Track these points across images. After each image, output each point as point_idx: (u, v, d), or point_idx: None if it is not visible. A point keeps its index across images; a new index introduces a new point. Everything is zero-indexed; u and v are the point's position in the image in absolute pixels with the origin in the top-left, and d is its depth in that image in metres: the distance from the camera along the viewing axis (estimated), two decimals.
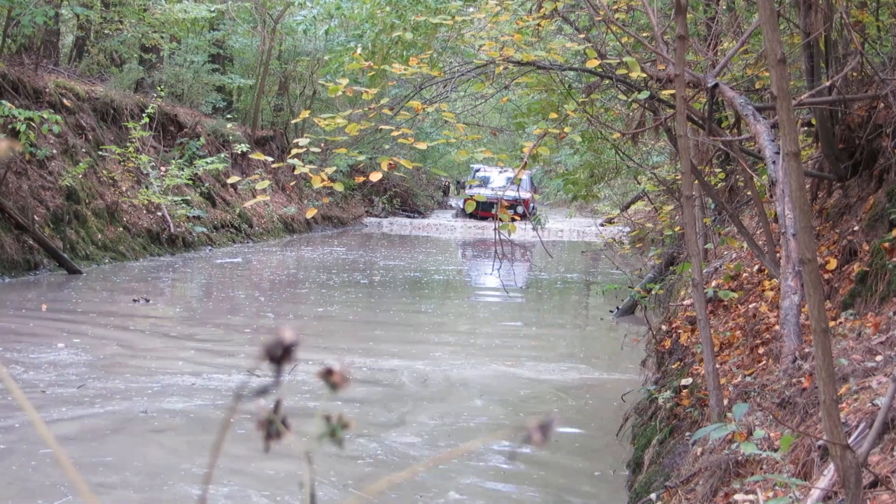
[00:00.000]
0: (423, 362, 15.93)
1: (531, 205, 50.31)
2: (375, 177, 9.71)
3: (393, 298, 24.48)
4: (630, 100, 11.25)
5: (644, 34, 12.32)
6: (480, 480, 10.40)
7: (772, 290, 10.81)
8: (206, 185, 34.61)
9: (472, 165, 52.29)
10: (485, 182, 50.16)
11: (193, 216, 31.77)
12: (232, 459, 10.16)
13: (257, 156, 10.31)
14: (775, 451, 6.39)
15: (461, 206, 53.48)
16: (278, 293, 24.38)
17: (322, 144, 10.94)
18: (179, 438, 11.43)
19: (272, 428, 1.39)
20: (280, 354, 1.31)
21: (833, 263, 9.85)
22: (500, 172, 46.94)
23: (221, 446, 1.49)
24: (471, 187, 51.42)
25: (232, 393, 13.22)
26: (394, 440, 11.71)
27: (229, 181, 12.15)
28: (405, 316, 21.64)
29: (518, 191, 44.53)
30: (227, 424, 1.51)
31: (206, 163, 32.56)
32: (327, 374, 1.38)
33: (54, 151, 26.05)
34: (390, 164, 9.96)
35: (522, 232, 33.50)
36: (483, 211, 48.42)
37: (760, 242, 10.84)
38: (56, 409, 12.07)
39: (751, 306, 11.01)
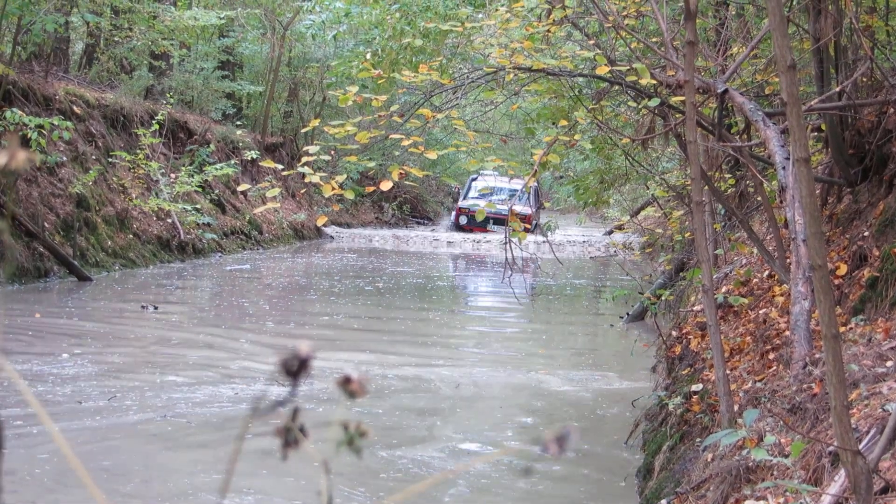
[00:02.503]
0: (439, 371, 15.93)
1: (533, 221, 43.37)
2: (386, 185, 9.73)
3: (401, 306, 24.48)
4: (640, 106, 11.26)
5: (654, 39, 12.34)
6: (493, 489, 10.41)
7: (782, 295, 10.81)
8: (216, 191, 34.65)
9: (482, 172, 47.67)
10: (484, 195, 45.07)
11: (203, 223, 31.78)
12: (258, 466, 10.16)
13: (268, 163, 10.32)
14: (786, 456, 6.39)
15: (453, 220, 48.18)
16: (288, 301, 24.40)
17: (332, 152, 10.94)
18: (197, 446, 11.43)
19: (290, 436, 1.40)
20: (296, 368, 1.32)
21: (843, 269, 9.85)
22: (510, 181, 42.10)
23: (238, 456, 1.50)
24: (465, 198, 47.53)
25: (250, 400, 13.24)
26: (420, 451, 11.70)
27: (240, 189, 12.17)
28: (412, 324, 21.65)
29: (528, 203, 42.55)
30: (243, 435, 1.52)
31: (216, 169, 32.56)
32: (345, 382, 1.39)
33: (64, 158, 26.09)
34: (401, 172, 9.97)
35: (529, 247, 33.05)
36: (477, 227, 44.01)
37: (770, 248, 10.84)
38: (90, 417, 12.09)
39: (761, 312, 11.01)
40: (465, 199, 47.89)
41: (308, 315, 22.16)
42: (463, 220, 46.12)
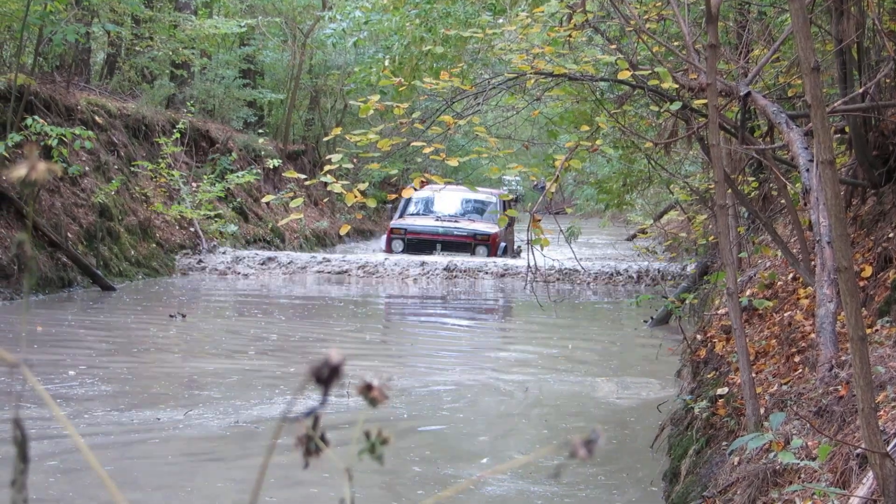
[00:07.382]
0: (469, 376, 15.95)
1: (500, 243, 33.38)
2: (408, 193, 9.76)
3: (423, 312, 24.47)
4: (662, 110, 11.23)
5: (675, 43, 12.31)
6: (519, 493, 10.39)
7: (807, 298, 10.76)
8: (239, 200, 34.65)
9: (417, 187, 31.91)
10: (427, 207, 35.12)
11: (226, 231, 31.79)
12: (288, 479, 10.14)
13: (290, 174, 10.36)
14: (813, 459, 6.35)
15: (384, 245, 34.26)
16: (313, 309, 24.37)
17: (354, 159, 10.95)
18: (226, 457, 11.38)
19: (311, 444, 1.38)
20: (327, 375, 1.30)
21: (868, 271, 9.81)
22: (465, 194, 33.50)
23: (266, 469, 1.48)
24: (402, 215, 34.76)
25: (281, 414, 13.20)
26: (445, 458, 11.74)
27: (263, 200, 12.24)
28: (433, 331, 21.66)
29: (507, 220, 30.25)
30: (273, 447, 1.50)
31: (238, 176, 32.57)
32: (366, 389, 1.37)
33: (87, 168, 26.13)
34: (422, 180, 9.99)
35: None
36: (419, 252, 31.45)
37: (795, 251, 10.80)
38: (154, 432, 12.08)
39: (786, 315, 10.96)
40: (401, 216, 35.09)
41: (338, 320, 22.15)
42: (397, 245, 32.97)
